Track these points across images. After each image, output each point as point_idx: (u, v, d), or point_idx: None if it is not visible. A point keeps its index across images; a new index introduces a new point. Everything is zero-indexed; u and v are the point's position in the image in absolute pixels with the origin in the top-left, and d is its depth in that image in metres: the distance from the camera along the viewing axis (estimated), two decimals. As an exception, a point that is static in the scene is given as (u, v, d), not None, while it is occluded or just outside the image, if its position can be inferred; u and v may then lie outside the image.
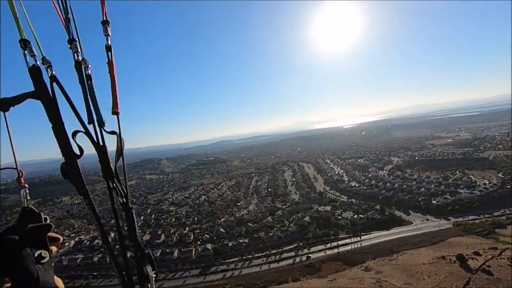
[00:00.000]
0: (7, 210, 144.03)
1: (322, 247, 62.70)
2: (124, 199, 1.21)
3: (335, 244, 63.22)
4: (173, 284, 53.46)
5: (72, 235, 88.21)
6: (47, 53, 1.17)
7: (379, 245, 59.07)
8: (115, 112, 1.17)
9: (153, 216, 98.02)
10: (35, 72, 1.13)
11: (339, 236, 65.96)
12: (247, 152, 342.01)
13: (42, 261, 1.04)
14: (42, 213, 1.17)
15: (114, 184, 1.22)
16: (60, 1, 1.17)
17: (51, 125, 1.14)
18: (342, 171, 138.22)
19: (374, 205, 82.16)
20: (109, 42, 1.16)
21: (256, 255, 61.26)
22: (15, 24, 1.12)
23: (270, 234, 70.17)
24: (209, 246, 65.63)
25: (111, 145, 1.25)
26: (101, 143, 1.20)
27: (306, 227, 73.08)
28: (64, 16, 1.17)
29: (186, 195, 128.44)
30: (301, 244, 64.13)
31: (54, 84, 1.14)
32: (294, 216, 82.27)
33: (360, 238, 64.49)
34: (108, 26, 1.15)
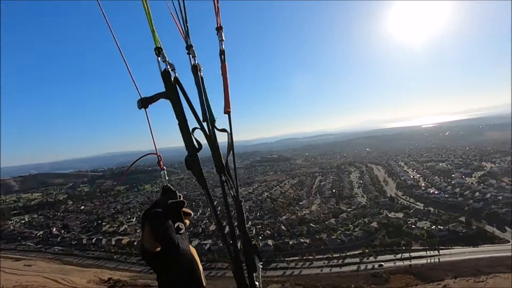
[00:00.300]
0: (103, 193, 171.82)
1: (391, 257, 57.45)
2: (234, 191, 1.28)
3: (406, 255, 57.20)
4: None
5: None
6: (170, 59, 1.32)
7: (462, 262, 51.21)
8: (227, 111, 1.23)
9: (218, 208, 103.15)
10: (166, 75, 1.26)
11: (412, 248, 59.35)
12: (311, 150, 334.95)
13: (180, 232, 1.18)
14: (177, 192, 1.31)
15: (225, 178, 1.29)
16: (179, 13, 1.28)
17: (177, 122, 1.26)
18: (418, 175, 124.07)
19: (458, 216, 71.43)
20: (223, 46, 1.21)
21: (317, 257, 59.67)
22: (151, 34, 1.25)
23: (333, 237, 67.46)
24: (270, 242, 66.64)
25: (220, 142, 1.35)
26: (213, 139, 1.28)
27: (373, 233, 67.99)
28: (182, 26, 1.29)
29: (249, 191, 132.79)
30: (366, 251, 59.92)
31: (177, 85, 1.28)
32: (359, 220, 77.41)
33: (438, 252, 56.97)
34: (222, 31, 1.21)
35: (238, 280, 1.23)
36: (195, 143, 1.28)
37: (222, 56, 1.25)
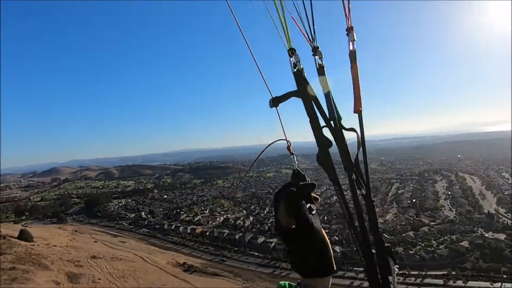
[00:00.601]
0: (183, 184, 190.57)
1: (486, 284, 48.48)
2: (365, 190, 1.24)
3: (508, 285, 47.38)
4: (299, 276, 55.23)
5: (222, 212, 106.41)
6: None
7: None
8: (358, 110, 1.23)
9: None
10: (299, 75, 1.31)
11: (517, 277, 48.90)
12: (388, 154, 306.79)
13: (312, 213, 1.21)
14: (306, 175, 1.36)
15: (355, 176, 1.27)
16: (303, 16, 1.31)
17: (308, 119, 1.30)
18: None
19: None
20: (354, 47, 1.22)
21: (390, 271, 54.32)
22: (285, 36, 1.30)
23: (411, 252, 60.41)
24: (337, 248, 63.60)
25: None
26: (341, 137, 1.29)
27: (463, 254, 58.36)
28: (308, 28, 1.32)
29: (317, 193, 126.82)
30: (453, 273, 51.81)
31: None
32: (445, 237, 67.46)
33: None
34: (353, 31, 1.22)
35: (372, 283, 1.20)
36: (325, 139, 1.31)
37: (353, 56, 1.25)
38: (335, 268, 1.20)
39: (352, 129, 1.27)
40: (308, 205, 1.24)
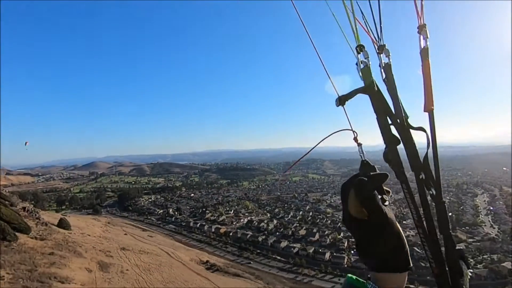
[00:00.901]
0: (209, 184, 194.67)
1: (530, 312, 44.01)
2: (434, 191, 1.19)
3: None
4: (323, 285, 53.97)
5: (246, 214, 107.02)
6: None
7: None
8: (429, 109, 1.20)
9: (310, 214, 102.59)
10: (367, 72, 1.29)
11: None
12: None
13: (385, 204, 1.15)
14: (375, 166, 1.30)
15: (423, 176, 1.23)
16: (369, 14, 1.32)
17: (376, 116, 1.28)
18: None
19: None
20: (427, 44, 1.20)
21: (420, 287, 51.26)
22: (353, 33, 1.31)
23: (444, 269, 56.51)
24: (362, 259, 61.22)
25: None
26: (408, 136, 1.26)
27: (504, 277, 53.42)
28: (374, 26, 1.32)
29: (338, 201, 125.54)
30: (492, 296, 47.76)
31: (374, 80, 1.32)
32: (485, 256, 62.32)
33: None
34: (426, 29, 1.20)
35: (442, 286, 1.15)
36: (393, 137, 1.27)
37: (425, 54, 1.21)
38: (411, 265, 1.12)
39: (421, 128, 1.23)
40: (380, 196, 1.17)
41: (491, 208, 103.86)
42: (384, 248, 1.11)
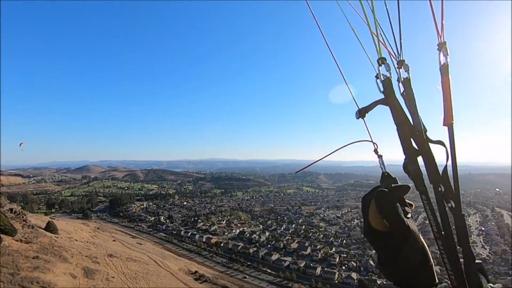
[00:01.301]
0: (203, 193, 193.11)
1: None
2: (453, 203, 1.18)
3: None
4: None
5: (238, 224, 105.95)
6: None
7: None
8: (449, 123, 1.21)
9: (303, 227, 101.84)
10: (388, 83, 1.35)
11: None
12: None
13: (407, 216, 1.14)
14: (397, 178, 1.31)
15: (443, 188, 1.22)
16: (389, 29, 1.38)
17: (396, 127, 1.32)
18: None
19: None
20: (447, 61, 1.23)
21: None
22: (375, 45, 1.38)
23: (435, 289, 56.05)
24: (354, 275, 60.56)
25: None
26: (427, 148, 1.28)
27: (495, 298, 53.16)
28: (394, 41, 1.37)
29: (338, 215, 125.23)
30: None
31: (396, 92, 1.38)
32: (476, 277, 61.89)
33: None
34: (447, 45, 1.24)
35: None
36: (413, 148, 1.30)
37: (445, 70, 1.25)
38: (437, 281, 1.07)
39: (440, 142, 1.24)
40: (402, 208, 1.16)
41: (483, 228, 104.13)
42: (407, 263, 1.05)
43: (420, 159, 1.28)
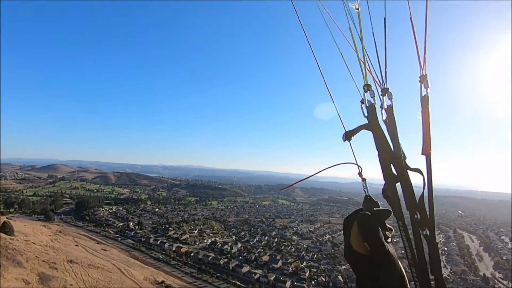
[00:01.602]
0: (177, 200, 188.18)
1: None
2: (428, 231, 1.21)
3: None
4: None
5: (211, 234, 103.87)
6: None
7: None
8: (427, 152, 1.24)
9: (276, 240, 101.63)
10: (372, 109, 1.38)
11: None
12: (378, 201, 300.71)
13: (387, 240, 1.15)
14: (379, 202, 1.33)
15: (418, 216, 1.25)
16: (374, 59, 1.47)
17: (377, 153, 1.35)
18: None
19: None
20: (427, 93, 1.28)
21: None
22: (362, 73, 1.45)
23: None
24: (322, 290, 61.01)
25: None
26: (405, 175, 1.31)
27: (453, 317, 55.46)
28: (379, 68, 1.43)
29: (311, 229, 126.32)
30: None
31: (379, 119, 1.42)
32: (437, 296, 64.31)
33: None
34: (427, 79, 1.28)
35: None
36: (393, 174, 1.32)
37: (426, 102, 1.29)
38: None
39: (418, 170, 1.27)
40: (383, 232, 1.18)
41: (446, 248, 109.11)
42: (385, 286, 1.08)
43: (398, 186, 1.31)
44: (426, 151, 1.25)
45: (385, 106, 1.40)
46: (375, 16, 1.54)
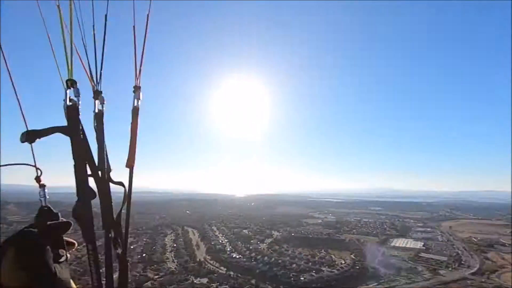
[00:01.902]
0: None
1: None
2: (121, 250, 1.16)
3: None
4: None
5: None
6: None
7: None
8: (130, 165, 1.22)
9: None
10: (73, 111, 1.15)
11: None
12: (140, 207, 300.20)
13: (59, 261, 1.00)
14: (59, 213, 1.14)
15: (113, 234, 1.18)
16: (87, 59, 1.25)
17: (73, 164, 1.15)
18: (226, 240, 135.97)
19: (250, 279, 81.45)
20: (138, 104, 1.23)
21: None
22: (67, 65, 1.17)
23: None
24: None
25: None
26: (106, 190, 1.21)
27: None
28: (95, 67, 1.24)
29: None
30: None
31: (83, 125, 1.22)
32: (166, 289, 72.31)
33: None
34: (140, 91, 1.25)
35: None
36: (89, 190, 1.17)
37: (135, 113, 1.24)
38: None
39: (121, 183, 1.21)
40: (56, 251, 1.00)
41: (175, 245, 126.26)
42: None
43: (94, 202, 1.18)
44: (130, 163, 1.22)
45: (96, 111, 1.25)
46: (100, 12, 1.30)
